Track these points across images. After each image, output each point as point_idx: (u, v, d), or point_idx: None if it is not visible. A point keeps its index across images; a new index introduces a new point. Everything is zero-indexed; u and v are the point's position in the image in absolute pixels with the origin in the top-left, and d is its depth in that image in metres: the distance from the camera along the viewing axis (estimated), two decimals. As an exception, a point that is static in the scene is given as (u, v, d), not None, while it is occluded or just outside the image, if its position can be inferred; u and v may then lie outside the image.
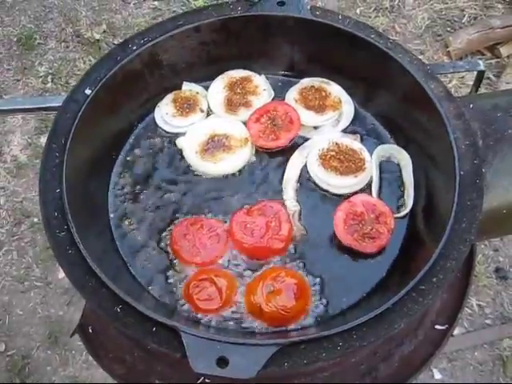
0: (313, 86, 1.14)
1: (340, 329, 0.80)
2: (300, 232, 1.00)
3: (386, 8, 2.89)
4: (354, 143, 1.08)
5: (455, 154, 0.93)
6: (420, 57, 2.83)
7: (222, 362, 0.77)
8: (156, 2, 2.92)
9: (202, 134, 1.08)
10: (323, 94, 1.13)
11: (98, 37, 2.80)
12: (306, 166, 1.07)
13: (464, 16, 2.89)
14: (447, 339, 1.03)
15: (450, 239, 0.87)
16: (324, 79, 1.15)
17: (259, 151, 1.09)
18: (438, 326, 1.06)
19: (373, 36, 1.09)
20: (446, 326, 1.05)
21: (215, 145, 1.07)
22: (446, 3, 2.91)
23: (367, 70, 1.09)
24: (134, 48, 1.08)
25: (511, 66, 2.74)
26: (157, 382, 1.02)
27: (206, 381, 1.01)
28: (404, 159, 1.05)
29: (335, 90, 1.14)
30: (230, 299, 0.93)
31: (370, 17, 2.86)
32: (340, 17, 1.11)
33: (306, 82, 1.15)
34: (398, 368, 1.02)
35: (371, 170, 1.05)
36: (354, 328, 0.81)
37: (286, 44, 1.13)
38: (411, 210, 1.00)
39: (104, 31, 2.87)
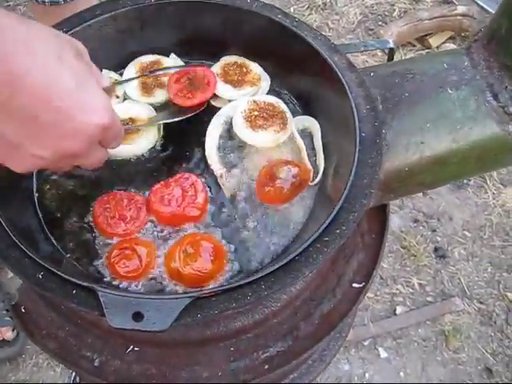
0: (236, 62, 1.20)
1: (248, 280, 0.85)
2: (229, 192, 1.05)
3: (319, 6, 3.00)
4: (268, 97, 1.15)
5: (355, 117, 1.00)
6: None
7: (138, 316, 0.81)
8: None
9: None
10: (244, 70, 1.18)
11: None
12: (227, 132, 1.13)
13: (394, 10, 3.02)
14: (364, 295, 1.09)
15: (351, 194, 0.93)
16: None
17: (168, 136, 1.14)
18: (355, 285, 1.12)
19: (279, 16, 1.16)
20: (363, 283, 1.12)
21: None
22: (376, -2, 3.03)
23: (276, 48, 1.15)
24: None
25: (441, 56, 2.85)
26: (88, 353, 1.05)
27: (135, 349, 1.06)
28: (313, 127, 1.11)
29: (255, 67, 1.20)
30: (149, 265, 0.97)
31: (303, 15, 2.96)
32: (248, 0, 1.17)
33: (229, 58, 1.21)
34: (317, 325, 1.08)
35: (291, 122, 1.11)
36: (262, 278, 0.86)
37: (199, 29, 1.18)
38: (323, 174, 1.06)
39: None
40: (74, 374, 2.04)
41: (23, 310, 1.11)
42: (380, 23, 2.98)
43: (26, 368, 2.13)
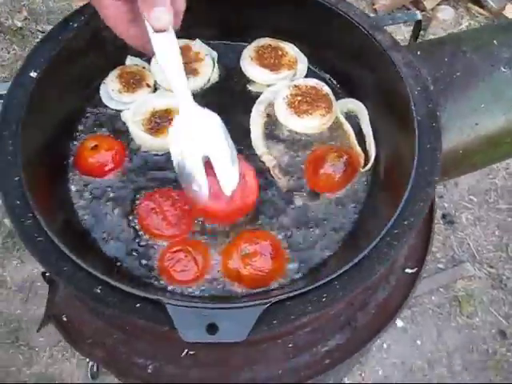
0: (270, 45, 1.14)
1: (323, 281, 0.81)
2: (284, 183, 1.01)
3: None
4: (309, 80, 1.10)
5: (411, 100, 0.95)
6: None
7: (212, 328, 0.77)
8: (77, -17, 2.82)
9: (143, 112, 1.06)
10: (279, 52, 1.13)
11: (19, 24, 2.69)
12: (271, 118, 1.08)
13: (387, -27, 2.94)
14: (419, 281, 1.06)
15: (415, 182, 0.89)
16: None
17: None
18: (408, 270, 1.09)
19: (315, -7, 1.10)
20: (416, 268, 1.09)
21: (159, 121, 1.05)
22: (370, -39, 2.94)
23: (314, 28, 1.09)
24: (75, 26, 1.05)
25: (436, 19, 2.81)
26: (140, 360, 1.01)
27: (190, 353, 1.02)
28: (361, 111, 1.06)
29: (291, 49, 1.14)
30: (206, 268, 0.93)
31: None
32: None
33: (262, 40, 1.15)
34: (374, 315, 1.05)
35: (336, 105, 1.06)
36: (336, 279, 0.82)
37: (226, 9, 1.11)
38: (374, 160, 1.02)
39: (25, 18, 2.76)
40: (91, 364, 2.01)
41: (65, 319, 1.06)
42: (373, -13, 2.91)
43: (41, 361, 2.08)
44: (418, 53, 1.05)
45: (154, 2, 0.80)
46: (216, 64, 1.13)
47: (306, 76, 1.12)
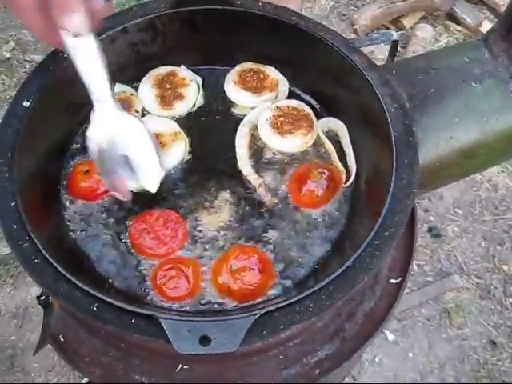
0: (252, 69, 1.19)
1: (309, 292, 0.85)
2: (272, 202, 1.05)
3: (292, -5, 2.99)
4: (291, 101, 1.15)
5: (388, 118, 1.00)
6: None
7: (205, 340, 0.80)
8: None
9: None
10: (261, 76, 1.18)
11: (7, 55, 2.74)
12: (255, 139, 1.12)
13: (365, -6, 3.02)
14: (403, 291, 1.10)
15: (394, 195, 0.94)
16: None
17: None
18: (392, 280, 1.13)
19: (294, 18, 1.15)
20: (400, 278, 1.13)
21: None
22: (348, -16, 3.03)
23: (294, 52, 1.14)
24: (65, 56, 1.09)
25: (415, 36, 2.89)
26: (136, 376, 1.04)
27: (185, 367, 1.05)
28: (340, 129, 1.11)
29: (272, 72, 1.19)
30: (197, 283, 0.97)
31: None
32: (260, 3, 1.16)
33: (244, 65, 1.20)
34: (362, 325, 1.09)
35: (317, 124, 1.12)
36: (321, 289, 0.86)
37: (210, 35, 1.16)
38: (355, 175, 1.07)
39: (13, 48, 2.81)
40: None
41: (62, 339, 1.09)
42: (352, 8, 2.99)
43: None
44: (394, 72, 1.10)
45: (65, 4, 0.74)
46: (201, 89, 1.18)
47: (288, 97, 1.17)
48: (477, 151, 1.06)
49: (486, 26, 2.98)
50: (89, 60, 0.85)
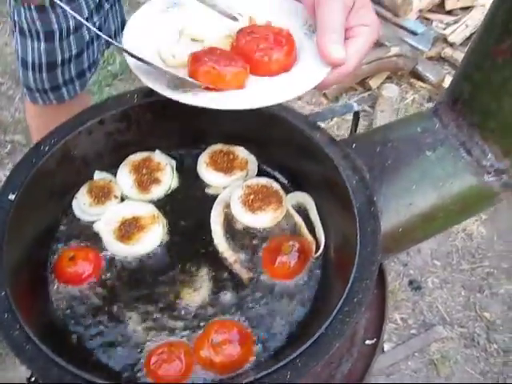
0: (221, 150, 1.27)
1: (285, 361, 0.91)
2: (245, 276, 1.11)
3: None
4: (260, 179, 1.23)
5: (350, 191, 1.08)
6: (299, 102, 3.07)
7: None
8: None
9: (113, 221, 1.17)
10: (231, 156, 1.26)
11: (-13, 135, 2.82)
12: (229, 217, 1.19)
13: (332, 60, 3.17)
14: (379, 350, 1.16)
15: (360, 263, 1.01)
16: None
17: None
18: (368, 342, 1.19)
19: (258, 101, 1.24)
20: (375, 339, 1.19)
21: (128, 229, 1.15)
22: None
23: (260, 133, 1.23)
24: (47, 149, 1.17)
25: (382, 96, 3.02)
26: None
27: None
28: (308, 203, 1.19)
29: (241, 152, 1.27)
30: (190, 366, 1.01)
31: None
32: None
33: (215, 147, 1.28)
34: (341, 387, 1.14)
35: (285, 199, 1.19)
36: (297, 357, 0.92)
37: (181, 121, 1.25)
38: (324, 246, 1.14)
39: (-7, 130, 2.90)
40: None
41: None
42: (321, 73, 3.14)
43: None
44: (354, 145, 1.19)
45: None
46: (175, 172, 1.25)
47: (258, 174, 1.25)
48: (436, 214, 1.14)
49: (448, 81, 3.13)
50: None
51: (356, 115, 1.42)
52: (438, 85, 3.14)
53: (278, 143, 1.23)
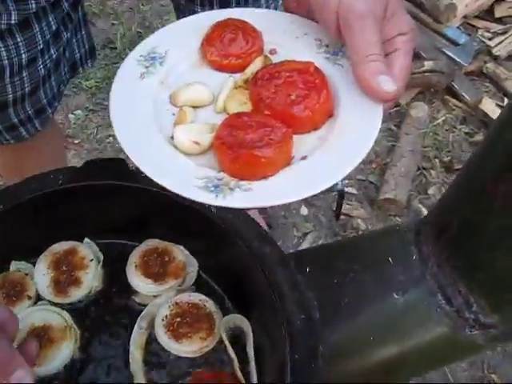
0: (157, 249, 1.07)
1: None
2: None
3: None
4: (192, 296, 1.02)
5: (286, 340, 0.87)
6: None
7: None
8: None
9: (21, 328, 0.97)
10: (166, 258, 1.05)
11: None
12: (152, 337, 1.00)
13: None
14: None
15: None
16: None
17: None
18: None
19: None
20: None
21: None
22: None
23: (202, 240, 1.03)
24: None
25: (410, 116, 2.75)
26: None
27: None
28: (246, 331, 0.98)
29: (180, 252, 1.07)
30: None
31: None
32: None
33: (150, 242, 1.08)
34: None
35: (219, 324, 0.99)
36: None
37: (113, 211, 1.05)
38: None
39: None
40: None
41: None
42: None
43: None
44: (308, 269, 0.97)
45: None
46: (100, 269, 1.06)
47: (195, 282, 1.05)
48: (397, 368, 0.93)
49: (486, 103, 2.82)
50: None
51: (341, 196, 1.19)
52: (475, 106, 2.82)
53: (221, 253, 1.02)
